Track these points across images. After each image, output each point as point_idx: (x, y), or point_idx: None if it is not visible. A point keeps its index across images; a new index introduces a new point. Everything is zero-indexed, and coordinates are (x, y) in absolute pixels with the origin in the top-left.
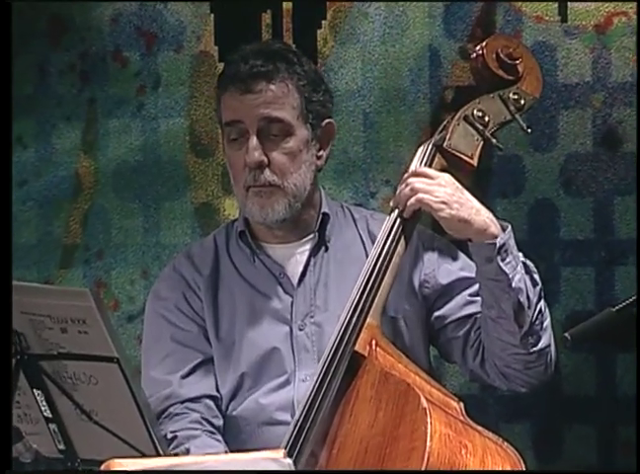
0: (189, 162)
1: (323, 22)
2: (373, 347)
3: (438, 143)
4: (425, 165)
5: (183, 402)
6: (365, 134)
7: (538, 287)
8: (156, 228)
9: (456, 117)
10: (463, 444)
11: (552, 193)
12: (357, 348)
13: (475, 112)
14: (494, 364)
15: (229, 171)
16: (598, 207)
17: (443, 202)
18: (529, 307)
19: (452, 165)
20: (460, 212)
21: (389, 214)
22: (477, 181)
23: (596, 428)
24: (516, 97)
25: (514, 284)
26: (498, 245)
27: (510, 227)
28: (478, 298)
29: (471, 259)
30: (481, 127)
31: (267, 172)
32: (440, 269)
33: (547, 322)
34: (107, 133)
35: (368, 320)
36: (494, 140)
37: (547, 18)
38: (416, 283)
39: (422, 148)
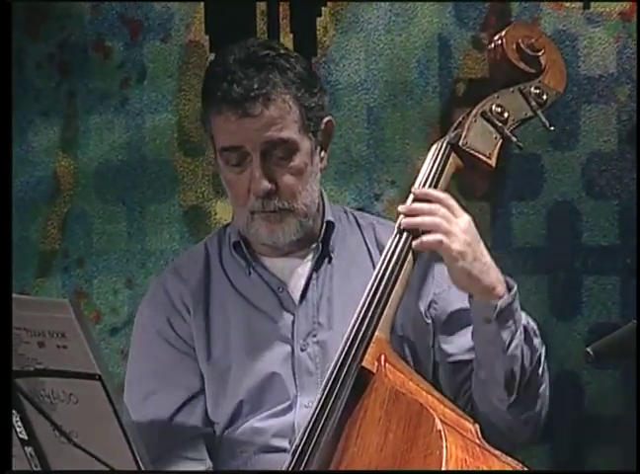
0: (177, 161)
1: (323, 9)
2: (382, 363)
3: (453, 141)
4: (439, 165)
5: (170, 449)
6: (369, 131)
7: (538, 354)
8: (141, 233)
9: (473, 113)
10: (481, 470)
11: (573, 195)
12: (364, 363)
13: (494, 107)
14: (482, 417)
15: (227, 190)
16: (623, 211)
17: (461, 253)
18: (523, 376)
19: (468, 165)
20: (473, 268)
21: (396, 222)
22: (491, 182)
23: (621, 450)
24: (537, 91)
25: (509, 352)
26: (499, 308)
27: (515, 288)
28: None
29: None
30: (500, 124)
31: (276, 199)
32: (451, 289)
33: (543, 387)
34: (88, 130)
35: (377, 333)
36: (514, 138)
37: (568, 4)
38: (424, 302)
39: (435, 147)
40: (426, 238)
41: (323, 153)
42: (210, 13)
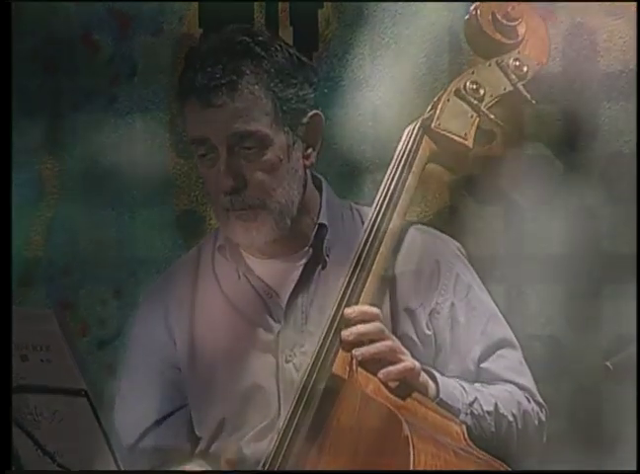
0: (169, 163)
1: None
2: (354, 367)
3: (425, 124)
4: (411, 150)
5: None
6: (374, 131)
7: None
8: (131, 240)
9: (447, 91)
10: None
11: (592, 199)
12: (334, 370)
13: (468, 84)
14: None
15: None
16: None
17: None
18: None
19: (443, 148)
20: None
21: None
22: (501, 185)
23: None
24: (517, 64)
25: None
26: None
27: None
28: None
29: None
30: (475, 102)
31: (245, 195)
32: (459, 303)
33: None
34: (74, 130)
35: None
36: (491, 116)
37: None
38: (425, 309)
39: (408, 130)
40: (395, 369)
41: (310, 150)
42: (205, 5)
